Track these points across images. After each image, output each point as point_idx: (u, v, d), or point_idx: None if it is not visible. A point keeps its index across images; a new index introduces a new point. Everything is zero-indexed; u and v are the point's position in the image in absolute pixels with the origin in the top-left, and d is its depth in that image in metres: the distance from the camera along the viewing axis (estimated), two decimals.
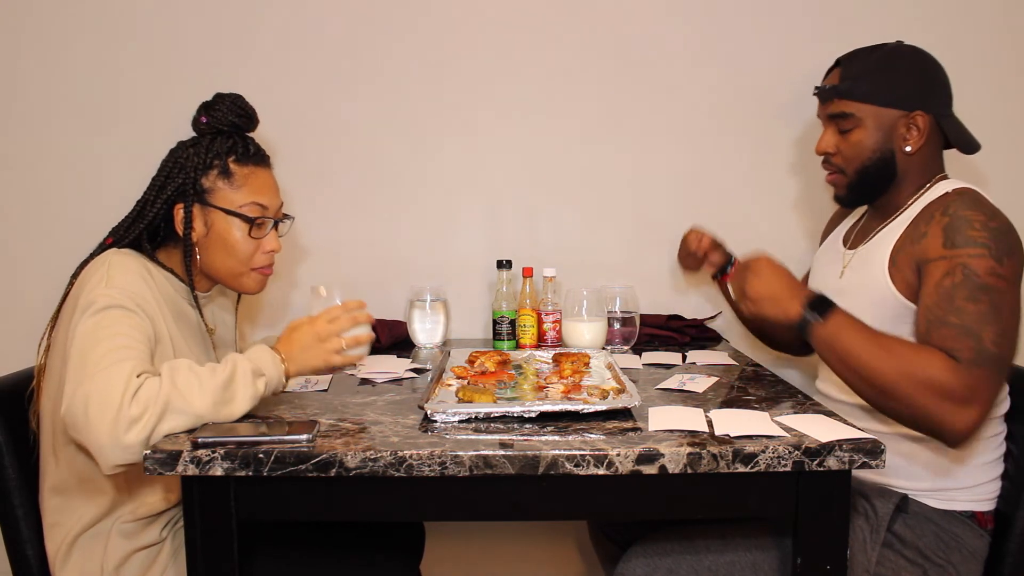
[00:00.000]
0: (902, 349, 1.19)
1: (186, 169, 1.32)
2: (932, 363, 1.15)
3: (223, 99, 1.37)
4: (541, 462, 1.01)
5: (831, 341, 1.22)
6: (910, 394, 1.16)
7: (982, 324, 1.16)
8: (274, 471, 1.02)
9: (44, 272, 1.85)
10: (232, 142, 1.35)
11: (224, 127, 1.36)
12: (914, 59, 1.37)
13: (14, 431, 1.29)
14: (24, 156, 1.89)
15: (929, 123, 1.34)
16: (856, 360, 1.20)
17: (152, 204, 1.32)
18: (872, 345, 1.19)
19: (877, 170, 1.37)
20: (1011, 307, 1.20)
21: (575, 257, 1.92)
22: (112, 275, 1.21)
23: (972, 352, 1.15)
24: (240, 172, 1.34)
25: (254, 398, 1.15)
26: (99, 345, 1.11)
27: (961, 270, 1.20)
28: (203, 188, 1.32)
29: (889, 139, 1.35)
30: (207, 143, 1.34)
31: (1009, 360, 1.20)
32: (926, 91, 1.35)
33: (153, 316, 1.23)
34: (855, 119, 1.36)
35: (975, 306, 1.17)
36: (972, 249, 1.20)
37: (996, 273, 1.19)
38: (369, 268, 1.94)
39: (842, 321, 1.22)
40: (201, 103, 1.38)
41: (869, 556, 1.24)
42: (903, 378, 1.16)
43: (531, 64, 1.90)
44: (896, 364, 1.17)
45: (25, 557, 1.29)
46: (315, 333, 1.23)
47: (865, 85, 1.35)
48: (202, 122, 1.36)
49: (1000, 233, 1.21)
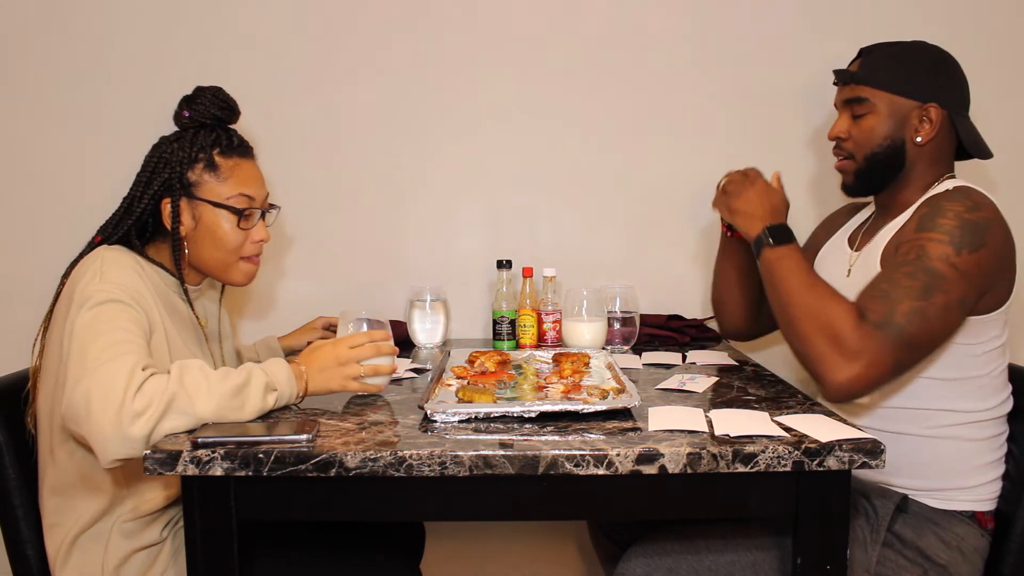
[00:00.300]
0: (824, 292, 1.24)
1: (171, 164, 1.32)
2: (840, 313, 1.20)
3: (204, 92, 1.38)
4: (541, 462, 1.01)
5: (772, 266, 1.30)
6: (808, 333, 1.21)
7: (905, 297, 1.18)
8: (274, 471, 1.02)
9: (37, 272, 1.85)
10: (215, 135, 1.36)
11: (206, 120, 1.37)
12: (934, 55, 1.38)
13: (14, 431, 1.29)
14: (10, 158, 1.88)
15: (942, 118, 1.34)
16: (783, 288, 1.27)
17: (139, 200, 1.32)
18: (801, 280, 1.26)
19: (886, 158, 1.37)
20: (948, 298, 1.19)
21: (575, 257, 1.92)
22: (106, 270, 1.22)
23: (880, 316, 1.18)
24: (225, 164, 1.35)
25: (261, 411, 1.16)
26: (99, 339, 1.11)
27: (916, 250, 1.22)
28: (189, 182, 1.33)
29: (901, 128, 1.36)
30: (190, 137, 1.34)
31: (918, 342, 1.19)
32: (942, 86, 1.35)
33: (148, 309, 1.23)
34: (869, 104, 1.37)
35: (909, 281, 1.20)
36: (935, 234, 1.22)
37: (948, 261, 1.19)
38: (369, 268, 1.95)
39: (789, 253, 1.30)
40: (182, 97, 1.38)
41: (869, 556, 1.24)
42: (809, 316, 1.22)
43: (531, 63, 1.90)
44: (810, 302, 1.23)
45: (25, 557, 1.29)
46: (336, 356, 1.23)
47: (882, 73, 1.36)
48: (184, 116, 1.36)
49: (971, 225, 1.21)
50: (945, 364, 1.28)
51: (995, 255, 1.21)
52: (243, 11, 1.88)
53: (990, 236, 1.21)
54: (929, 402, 1.29)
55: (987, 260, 1.21)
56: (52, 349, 1.24)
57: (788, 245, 1.32)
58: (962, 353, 1.27)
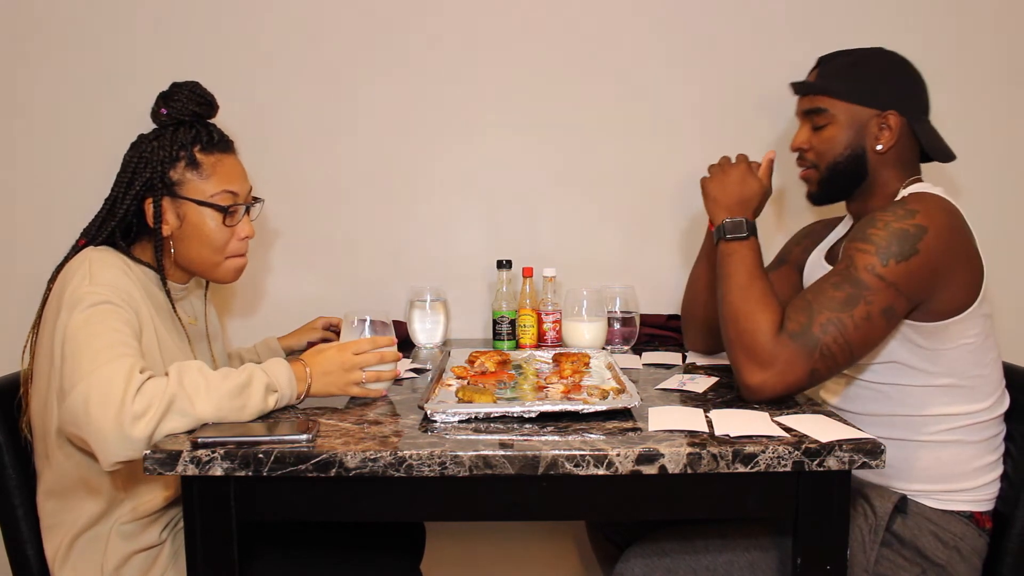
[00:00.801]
0: (754, 297, 1.25)
1: (152, 163, 1.30)
2: (761, 321, 1.22)
3: (181, 88, 1.35)
4: (541, 462, 1.01)
5: (723, 259, 1.32)
6: (731, 335, 1.26)
7: (824, 308, 1.20)
8: (274, 471, 1.02)
9: (23, 274, 1.85)
10: (195, 131, 1.34)
11: (185, 117, 1.34)
12: (892, 61, 1.39)
13: (14, 431, 1.29)
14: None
15: (902, 124, 1.34)
16: (725, 285, 1.30)
17: (121, 201, 1.31)
18: (739, 281, 1.28)
19: (848, 167, 1.37)
20: (870, 308, 1.19)
21: (575, 257, 1.92)
22: (95, 271, 1.21)
23: (797, 326, 1.20)
24: (207, 161, 1.33)
25: (262, 412, 1.16)
26: (93, 342, 1.11)
27: (846, 260, 1.23)
28: (172, 181, 1.31)
29: (861, 137, 1.36)
30: (170, 135, 1.32)
31: (833, 351, 1.19)
32: (900, 93, 1.36)
33: (137, 309, 1.23)
34: (828, 115, 1.37)
35: (832, 291, 1.22)
36: (863, 244, 1.23)
37: (874, 271, 1.20)
38: (369, 268, 1.95)
39: (741, 250, 1.31)
40: (159, 94, 1.36)
41: (868, 556, 1.24)
42: (735, 320, 1.25)
43: (531, 64, 1.90)
44: (741, 306, 1.25)
45: (25, 557, 1.29)
46: (340, 361, 1.23)
47: (840, 82, 1.37)
48: (162, 114, 1.34)
49: (900, 234, 1.21)
50: (938, 369, 1.28)
51: (929, 261, 1.21)
52: (244, 10, 1.88)
53: (923, 243, 1.20)
54: (926, 409, 1.30)
55: (919, 268, 1.20)
56: (43, 354, 1.23)
57: (742, 241, 1.32)
58: (952, 357, 1.27)
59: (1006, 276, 1.84)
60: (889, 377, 1.32)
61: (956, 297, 1.25)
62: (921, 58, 1.40)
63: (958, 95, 1.86)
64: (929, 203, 1.25)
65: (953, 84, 1.85)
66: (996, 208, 1.91)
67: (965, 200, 1.37)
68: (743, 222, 1.34)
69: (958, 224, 1.25)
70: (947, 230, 1.23)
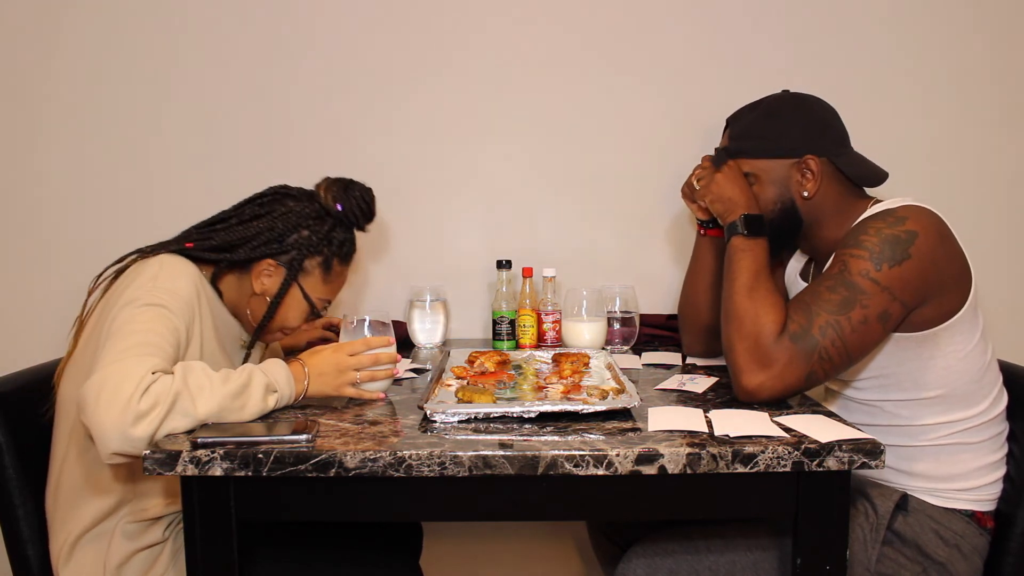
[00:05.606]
0: (761, 298, 1.25)
1: (299, 245, 1.35)
2: (764, 323, 1.22)
3: (355, 189, 1.42)
4: (541, 462, 1.01)
5: (734, 254, 1.32)
6: (732, 334, 1.25)
7: (822, 310, 1.21)
8: (274, 471, 1.02)
9: (49, 274, 1.86)
10: (347, 241, 1.40)
11: (349, 220, 1.41)
12: (796, 106, 1.40)
13: (14, 431, 1.29)
14: (31, 165, 1.89)
15: (821, 165, 1.35)
16: (733, 281, 1.29)
17: (247, 247, 1.34)
18: (747, 279, 1.28)
19: (782, 221, 1.39)
20: (867, 312, 1.20)
21: (575, 257, 1.92)
22: (162, 276, 1.23)
23: (797, 328, 1.21)
24: (336, 271, 1.41)
25: (262, 412, 1.16)
26: (130, 337, 1.13)
27: (840, 265, 1.24)
28: (302, 267, 1.36)
29: (787, 188, 1.37)
30: (328, 229, 1.38)
31: (832, 354, 1.20)
32: (812, 134, 1.36)
33: (193, 318, 1.24)
34: (752, 176, 1.39)
35: (829, 295, 1.22)
36: (857, 250, 1.23)
37: (868, 276, 1.20)
38: (369, 268, 1.95)
39: (756, 248, 1.31)
40: (335, 181, 1.41)
41: (869, 554, 1.24)
42: (738, 319, 1.25)
43: (531, 64, 1.90)
44: (745, 306, 1.25)
45: (26, 557, 1.29)
46: (336, 362, 1.23)
47: (751, 141, 1.39)
48: (337, 209, 1.39)
49: (892, 239, 1.21)
50: (928, 383, 1.28)
51: (922, 266, 1.21)
52: (246, 9, 1.88)
53: (915, 248, 1.21)
54: (919, 420, 1.30)
55: (912, 272, 1.21)
56: (92, 337, 1.24)
57: (756, 238, 1.32)
58: (941, 367, 1.27)
59: (1006, 276, 1.85)
60: (877, 394, 1.33)
61: (946, 301, 1.25)
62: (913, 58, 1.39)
63: (943, 96, 1.86)
64: (916, 209, 1.26)
65: (930, 84, 1.85)
66: (995, 208, 1.91)
67: (962, 197, 1.37)
68: (761, 218, 1.34)
69: (945, 229, 1.26)
70: (937, 234, 1.24)
